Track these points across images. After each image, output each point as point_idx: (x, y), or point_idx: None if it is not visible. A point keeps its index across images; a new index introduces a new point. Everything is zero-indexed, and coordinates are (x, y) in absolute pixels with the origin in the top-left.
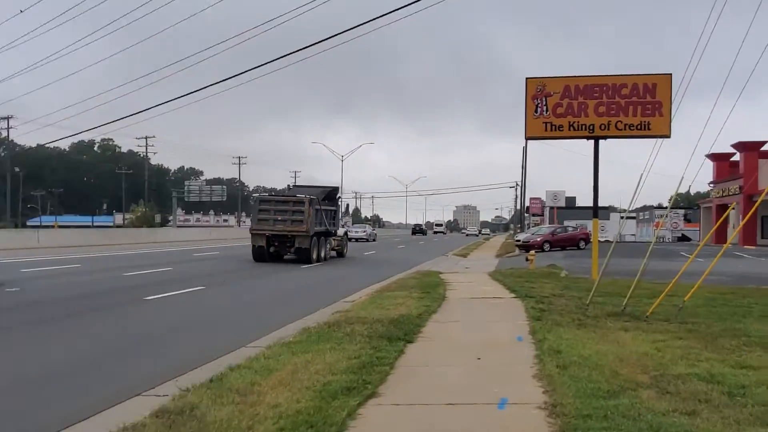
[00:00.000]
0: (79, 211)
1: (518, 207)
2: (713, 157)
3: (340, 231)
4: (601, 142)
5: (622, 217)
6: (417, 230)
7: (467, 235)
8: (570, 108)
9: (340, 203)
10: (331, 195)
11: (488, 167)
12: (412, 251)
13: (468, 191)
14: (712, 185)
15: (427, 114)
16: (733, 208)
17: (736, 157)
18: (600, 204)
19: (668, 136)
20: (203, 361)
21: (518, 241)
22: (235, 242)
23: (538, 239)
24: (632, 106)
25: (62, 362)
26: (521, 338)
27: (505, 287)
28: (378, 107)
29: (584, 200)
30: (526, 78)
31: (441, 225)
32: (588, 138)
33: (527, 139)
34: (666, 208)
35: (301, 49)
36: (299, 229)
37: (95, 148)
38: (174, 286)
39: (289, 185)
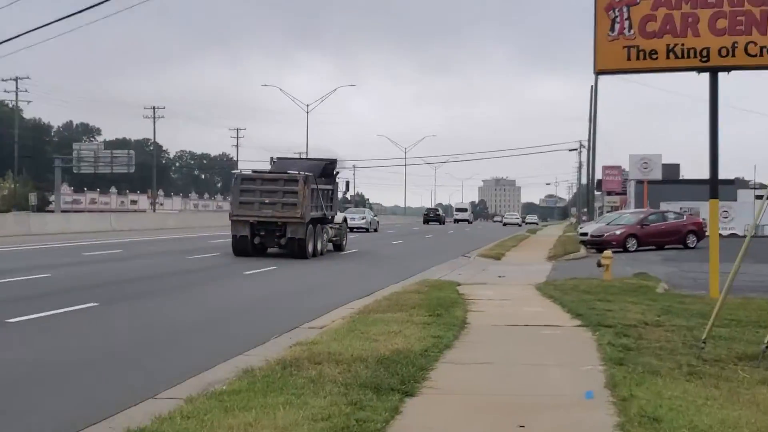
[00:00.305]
0: None
1: (584, 181)
2: None
3: (338, 217)
4: (722, 76)
5: (758, 197)
6: (432, 217)
7: (505, 224)
8: (669, 23)
9: (338, 181)
10: (327, 170)
11: (534, 120)
12: (413, 249)
13: (502, 158)
14: None
15: (436, 42)
16: None
17: None
18: (721, 176)
19: None
20: (89, 420)
21: (584, 235)
22: (148, 234)
23: (618, 232)
24: None
25: None
26: (592, 395)
27: (563, 309)
28: (361, 32)
29: (693, 170)
30: None
31: (464, 210)
32: (700, 70)
33: (598, 73)
34: None
35: None
36: (292, 214)
37: None
38: (52, 302)
39: (272, 158)
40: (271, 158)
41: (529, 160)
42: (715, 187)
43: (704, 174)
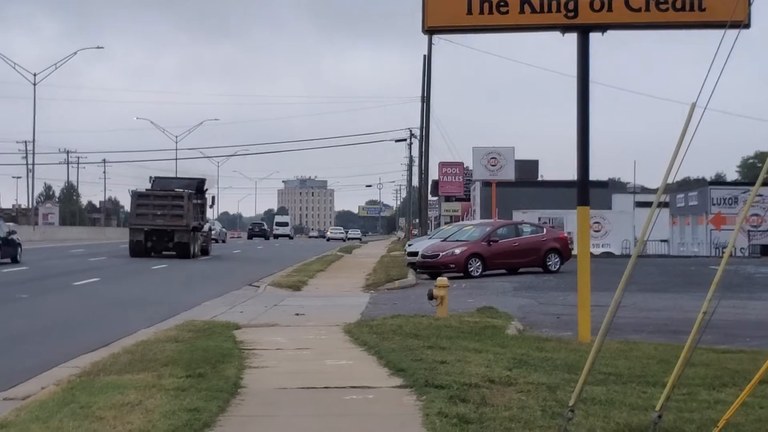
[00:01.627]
0: None
1: (416, 183)
2: None
3: (206, 227)
4: (594, 39)
5: (639, 204)
6: (257, 232)
7: (328, 239)
8: None
9: (206, 197)
10: (199, 187)
11: (351, 103)
12: (175, 275)
13: (309, 151)
14: None
15: None
16: None
17: None
18: (591, 177)
19: (746, 26)
20: None
21: (413, 255)
22: None
23: (458, 251)
24: None
25: None
26: None
27: (380, 361)
28: None
29: (556, 170)
30: None
31: (285, 225)
32: (565, 29)
33: (428, 31)
34: (743, 185)
35: None
36: (179, 223)
37: None
38: None
39: (151, 177)
40: (150, 177)
41: (344, 156)
42: (586, 190)
43: (569, 174)
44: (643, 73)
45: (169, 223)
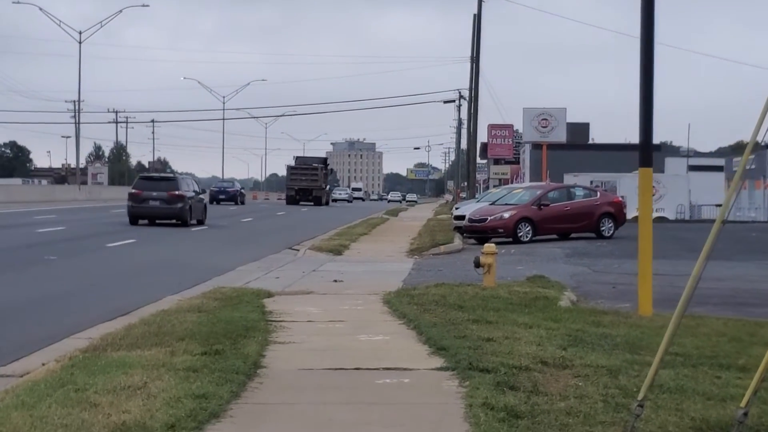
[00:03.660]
0: None
1: (464, 145)
2: None
3: (328, 188)
4: None
5: (693, 168)
6: (357, 195)
7: (389, 201)
8: None
9: (329, 169)
10: (324, 162)
11: (400, 64)
12: (216, 239)
13: (357, 111)
14: None
15: None
16: None
17: None
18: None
19: None
20: None
21: (460, 218)
22: None
23: (507, 215)
24: None
25: None
26: None
27: (419, 337)
28: None
29: (606, 134)
30: None
31: (359, 189)
32: None
33: None
34: None
35: None
36: (315, 185)
37: None
38: None
39: (294, 156)
40: (294, 156)
41: (392, 117)
42: (648, 151)
43: (619, 138)
44: (697, 35)
45: (309, 184)
